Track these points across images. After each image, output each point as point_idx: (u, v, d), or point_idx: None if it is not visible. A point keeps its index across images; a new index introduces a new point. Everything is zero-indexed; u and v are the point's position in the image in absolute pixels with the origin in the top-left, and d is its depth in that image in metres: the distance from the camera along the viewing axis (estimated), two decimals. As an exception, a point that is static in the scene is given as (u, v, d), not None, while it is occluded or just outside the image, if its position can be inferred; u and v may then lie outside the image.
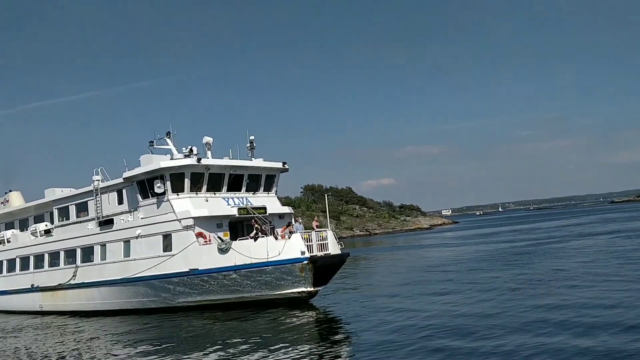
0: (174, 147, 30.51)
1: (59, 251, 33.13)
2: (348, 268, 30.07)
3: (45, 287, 33.29)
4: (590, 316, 17.74)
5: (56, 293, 32.65)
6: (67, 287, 31.80)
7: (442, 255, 51.24)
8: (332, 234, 26.88)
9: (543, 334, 15.83)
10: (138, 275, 27.81)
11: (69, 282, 31.57)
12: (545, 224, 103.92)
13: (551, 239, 59.46)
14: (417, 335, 17.03)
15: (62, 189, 36.21)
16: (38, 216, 37.10)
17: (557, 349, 14.03)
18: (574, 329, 16.16)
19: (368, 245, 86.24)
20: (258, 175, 30.87)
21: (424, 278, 33.03)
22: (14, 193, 42.06)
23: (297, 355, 16.20)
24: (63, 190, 35.92)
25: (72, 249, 32.28)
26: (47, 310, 33.20)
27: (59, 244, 33.27)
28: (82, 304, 31.02)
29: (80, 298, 31.19)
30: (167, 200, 27.61)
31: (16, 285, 35.83)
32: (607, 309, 18.58)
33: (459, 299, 23.67)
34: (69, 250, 32.48)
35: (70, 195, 33.89)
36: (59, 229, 34.49)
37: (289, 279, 24.98)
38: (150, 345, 19.90)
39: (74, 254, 32.13)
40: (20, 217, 38.93)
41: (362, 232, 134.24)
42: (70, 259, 32.42)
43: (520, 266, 35.03)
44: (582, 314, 18.13)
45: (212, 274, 25.77)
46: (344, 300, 26.80)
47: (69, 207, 33.88)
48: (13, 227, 39.28)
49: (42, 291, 33.59)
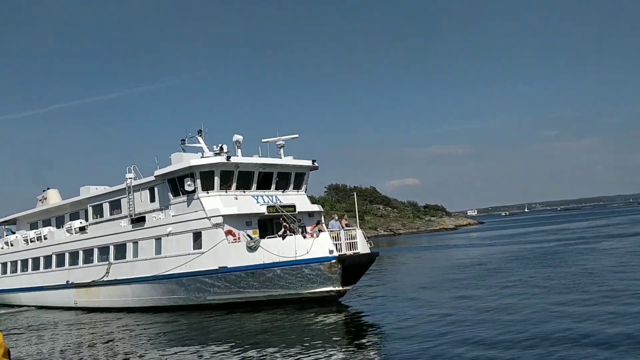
0: (205, 145, 30.73)
1: (93, 248, 33.68)
2: (374, 267, 29.66)
3: (80, 284, 33.89)
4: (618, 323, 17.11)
5: (90, 289, 33.19)
6: (100, 284, 32.30)
7: (468, 255, 50.50)
8: (362, 233, 26.61)
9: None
10: (168, 272, 28.04)
11: (102, 279, 32.05)
12: (573, 224, 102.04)
13: (580, 239, 58.16)
14: (446, 339, 16.59)
15: (97, 187, 36.78)
16: (73, 213, 37.78)
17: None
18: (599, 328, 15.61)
19: (392, 245, 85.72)
20: (287, 173, 30.81)
21: (450, 278, 32.47)
22: (51, 191, 42.88)
23: (323, 355, 16.00)
24: (97, 188, 36.49)
25: (105, 246, 32.78)
26: (81, 307, 33.78)
27: (93, 241, 33.82)
28: (114, 301, 31.45)
29: (113, 295, 31.64)
30: (197, 198, 27.76)
31: (52, 281, 36.57)
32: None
33: (489, 302, 23.10)
34: (103, 247, 32.98)
35: (103, 193, 34.41)
36: (94, 226, 35.06)
37: (317, 277, 24.82)
38: (177, 343, 19.99)
39: (107, 251, 32.62)
40: (57, 215, 39.71)
41: (386, 232, 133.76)
42: (103, 256, 32.92)
43: (549, 267, 34.22)
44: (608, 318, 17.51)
45: (240, 272, 25.80)
46: (371, 299, 26.50)
47: (103, 205, 34.40)
48: (50, 224, 40.08)
49: (77, 287, 34.20)
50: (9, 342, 23.43)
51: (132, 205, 31.23)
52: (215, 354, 17.44)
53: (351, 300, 25.94)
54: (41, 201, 43.02)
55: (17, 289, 40.57)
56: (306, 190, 32.55)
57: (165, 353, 18.44)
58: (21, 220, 44.20)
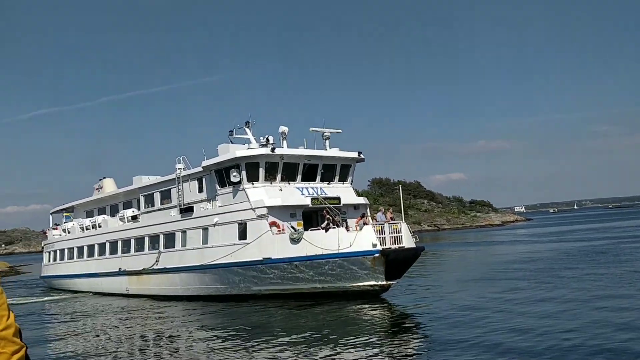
0: (252, 136, 30.93)
1: (144, 237, 34.49)
2: (419, 263, 29.19)
3: (131, 271, 34.79)
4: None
5: (141, 277, 34.03)
6: (150, 272, 33.06)
7: (515, 252, 49.40)
8: (407, 227, 26.20)
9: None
10: (214, 262, 28.41)
11: (152, 267, 32.79)
12: (625, 222, 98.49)
13: (632, 238, 55.89)
14: (490, 338, 16.10)
15: (149, 176, 37.60)
16: (126, 202, 38.79)
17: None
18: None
19: (436, 240, 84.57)
20: (333, 165, 30.66)
21: (496, 276, 31.66)
22: (107, 180, 44.13)
23: (363, 350, 15.86)
24: (150, 178, 37.29)
25: (155, 235, 33.51)
26: (132, 294, 34.69)
27: (144, 229, 34.63)
28: (164, 289, 32.15)
29: (162, 283, 32.34)
30: (242, 189, 27.97)
31: (106, 268, 37.70)
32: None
33: (537, 301, 22.37)
34: (153, 236, 33.73)
35: (155, 183, 35.16)
36: (145, 215, 35.90)
37: (360, 271, 24.61)
38: (218, 331, 20.22)
39: (157, 240, 33.33)
40: (111, 203, 40.88)
41: (430, 227, 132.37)
42: (154, 244, 33.66)
43: (599, 266, 32.99)
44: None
45: (284, 264, 25.87)
46: (415, 295, 26.10)
47: (154, 195, 35.16)
48: (105, 213, 41.31)
49: (129, 275, 35.13)
50: (59, 326, 24.31)
51: (181, 195, 31.76)
52: (255, 344, 17.52)
53: (395, 296, 25.62)
54: (97, 190, 44.36)
55: (73, 275, 42.05)
56: (352, 183, 32.35)
57: (198, 340, 18.71)
58: (78, 208, 45.76)
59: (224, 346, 17.44)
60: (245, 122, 31.59)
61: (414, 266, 27.11)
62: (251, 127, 31.36)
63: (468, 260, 45.86)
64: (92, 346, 19.05)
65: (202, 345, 17.98)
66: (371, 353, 15.28)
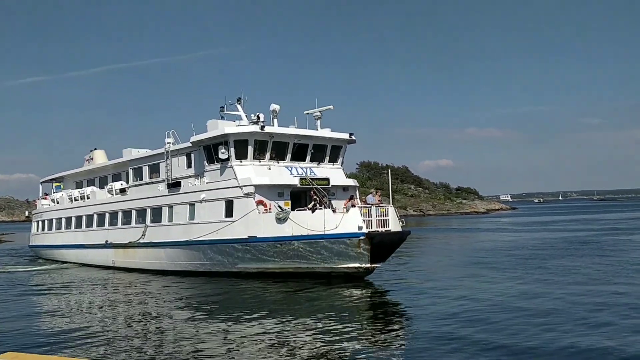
0: (244, 113, 30.63)
1: (131, 210, 34.29)
2: (404, 246, 29.30)
3: (118, 244, 34.65)
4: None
5: (127, 250, 33.90)
6: (136, 246, 32.92)
7: (498, 240, 50.11)
8: (394, 210, 26.09)
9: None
10: (200, 238, 28.28)
11: (139, 241, 32.65)
12: (608, 215, 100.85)
13: (615, 230, 57.32)
14: (472, 326, 16.03)
15: (139, 149, 37.30)
16: (116, 175, 38.52)
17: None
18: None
19: (421, 225, 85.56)
20: (323, 145, 30.42)
21: (475, 262, 32.23)
22: (98, 151, 43.74)
23: (339, 328, 15.91)
24: (140, 151, 36.99)
25: (142, 208, 33.31)
26: (118, 266, 34.60)
27: (132, 203, 34.41)
28: (149, 263, 32.04)
29: (147, 257, 32.22)
30: (230, 167, 27.75)
31: (93, 240, 37.54)
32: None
33: (519, 288, 22.43)
34: (140, 209, 33.53)
35: (144, 157, 34.87)
36: (134, 188, 35.67)
37: (344, 253, 24.52)
38: (198, 307, 20.15)
39: (144, 214, 33.14)
40: (100, 175, 40.60)
41: (416, 212, 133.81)
42: (140, 218, 33.46)
43: (581, 257, 33.43)
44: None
45: (269, 243, 25.76)
46: (399, 279, 26.08)
47: (143, 168, 34.91)
48: (94, 184, 41.03)
49: (115, 248, 34.99)
50: (40, 299, 24.16)
51: (169, 170, 31.50)
52: (232, 320, 17.56)
53: (378, 278, 25.60)
54: (88, 161, 44.02)
55: (61, 245, 41.89)
56: (342, 164, 32.15)
57: (182, 315, 18.66)
58: (68, 178, 45.47)
59: (201, 324, 17.35)
60: (237, 98, 31.24)
61: (401, 250, 27.12)
62: (243, 103, 31.04)
63: (451, 246, 46.48)
64: (67, 321, 18.93)
65: (175, 322, 17.86)
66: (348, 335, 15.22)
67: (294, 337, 15.21)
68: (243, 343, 14.68)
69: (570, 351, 13.00)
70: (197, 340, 15.04)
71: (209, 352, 13.82)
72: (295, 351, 13.70)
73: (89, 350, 14.18)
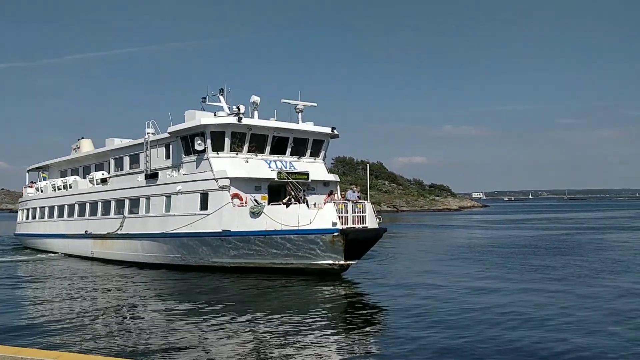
0: (226, 104, 30.07)
1: (110, 200, 33.78)
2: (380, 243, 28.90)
3: (96, 235, 34.16)
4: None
5: (105, 241, 33.42)
6: (114, 237, 32.42)
7: (471, 237, 50.70)
8: (371, 207, 25.53)
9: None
10: (175, 231, 27.75)
11: (116, 232, 32.14)
12: (579, 214, 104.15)
13: (585, 230, 59.15)
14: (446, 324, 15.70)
15: (122, 139, 36.74)
16: (98, 164, 37.97)
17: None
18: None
19: (394, 221, 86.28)
20: (305, 139, 29.80)
21: (451, 259, 32.31)
22: (85, 140, 43.15)
23: (308, 324, 15.64)
24: (122, 140, 36.44)
25: (121, 199, 32.78)
26: (97, 257, 34.12)
27: (111, 193, 33.91)
28: (126, 254, 31.54)
29: (125, 248, 31.72)
30: (206, 159, 27.18)
31: (74, 230, 37.06)
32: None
33: (492, 287, 21.98)
34: (119, 200, 33.01)
35: (125, 147, 34.32)
36: (115, 178, 35.15)
37: (318, 249, 23.97)
38: (168, 300, 19.70)
39: (123, 205, 32.61)
40: (84, 164, 40.07)
41: (389, 208, 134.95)
42: (119, 209, 32.95)
43: (555, 256, 33.41)
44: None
45: (242, 237, 25.21)
46: (373, 276, 25.49)
47: (124, 158, 34.38)
48: (77, 174, 40.50)
49: (94, 238, 34.51)
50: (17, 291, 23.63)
51: (148, 161, 30.96)
52: (197, 315, 17.20)
53: (354, 275, 25.04)
54: (75, 150, 43.45)
55: (44, 235, 41.42)
56: (325, 159, 31.56)
57: (151, 308, 18.29)
58: (53, 167, 44.96)
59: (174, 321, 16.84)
60: (220, 89, 30.70)
61: (376, 246, 26.62)
62: (226, 95, 30.49)
63: (424, 242, 46.54)
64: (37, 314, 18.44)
65: (146, 318, 17.36)
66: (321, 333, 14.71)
67: (259, 334, 14.74)
68: (207, 339, 14.25)
69: (530, 350, 12.52)
70: (163, 335, 14.60)
71: (173, 346, 13.41)
72: (262, 348, 13.29)
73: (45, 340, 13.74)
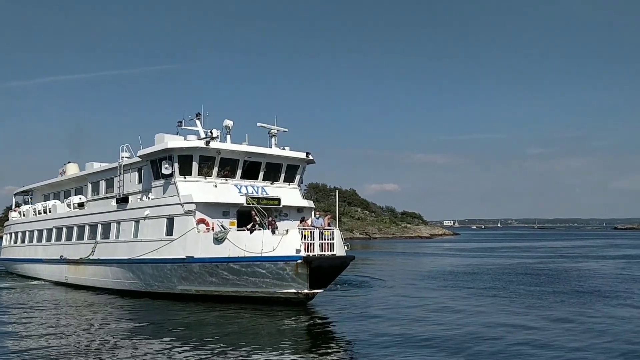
0: (202, 129, 29.61)
1: (85, 225, 33.25)
2: (349, 270, 28.11)
3: (70, 260, 33.56)
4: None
5: (78, 267, 32.79)
6: (86, 262, 31.79)
7: (442, 265, 50.64)
8: (339, 234, 24.76)
9: None
10: (140, 257, 27.08)
11: (88, 257, 31.52)
12: (550, 243, 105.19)
13: (558, 258, 59.63)
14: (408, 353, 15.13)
15: (101, 163, 36.33)
16: (78, 189, 37.53)
17: None
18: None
19: (367, 248, 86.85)
20: (278, 164, 29.20)
21: (423, 287, 31.74)
22: (70, 165, 42.74)
23: (271, 356, 15.10)
24: (101, 164, 36.03)
25: (94, 224, 32.25)
26: (71, 283, 33.48)
27: (85, 218, 33.40)
28: (97, 280, 30.90)
29: (96, 274, 31.09)
30: (173, 183, 26.62)
31: (50, 254, 36.51)
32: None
33: (462, 313, 21.16)
34: (92, 225, 32.47)
35: (101, 171, 33.90)
36: (91, 202, 34.67)
37: (282, 277, 23.17)
38: (128, 332, 18.94)
39: (96, 230, 32.07)
40: (65, 189, 39.69)
41: (362, 235, 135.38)
42: (92, 234, 32.40)
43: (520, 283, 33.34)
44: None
45: (205, 264, 24.47)
46: (342, 305, 24.57)
47: (100, 183, 33.94)
48: (59, 198, 40.10)
49: (68, 264, 33.90)
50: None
51: (121, 185, 30.48)
52: (163, 344, 16.68)
53: (320, 304, 24.14)
54: (61, 174, 43.12)
55: (24, 260, 40.90)
56: (300, 184, 30.91)
57: (99, 338, 17.62)
58: (36, 191, 44.65)
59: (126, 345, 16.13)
60: (197, 113, 30.23)
61: (345, 273, 25.80)
62: (202, 119, 30.04)
63: (397, 270, 45.54)
64: None
65: (93, 346, 16.68)
66: None
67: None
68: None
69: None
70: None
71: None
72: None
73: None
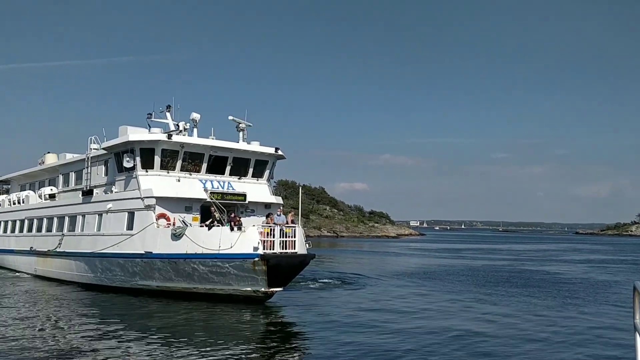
0: (172, 122, 29.11)
1: (53, 217, 32.82)
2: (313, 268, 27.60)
3: (39, 252, 33.16)
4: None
5: (46, 259, 32.41)
6: (53, 254, 31.40)
7: (408, 264, 50.75)
8: (301, 232, 24.26)
9: None
10: (103, 251, 26.64)
11: (55, 250, 31.11)
12: (514, 246, 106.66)
13: (525, 260, 60.36)
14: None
15: (73, 154, 35.83)
16: (51, 180, 37.09)
17: None
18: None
19: (334, 246, 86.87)
20: (246, 159, 28.63)
21: (388, 286, 31.73)
22: (49, 155, 42.06)
23: (224, 353, 14.79)
24: (74, 156, 35.53)
25: (62, 216, 31.82)
26: (40, 275, 33.12)
27: (54, 210, 32.98)
28: (62, 273, 30.54)
29: (61, 267, 30.72)
30: (135, 177, 26.12)
31: (21, 246, 36.12)
32: None
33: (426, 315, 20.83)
34: (60, 217, 32.05)
35: (71, 162, 33.43)
36: (62, 194, 34.24)
37: (239, 275, 22.72)
38: (90, 323, 18.56)
39: (63, 222, 31.63)
40: (39, 179, 39.25)
41: (329, 233, 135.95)
42: (60, 226, 31.97)
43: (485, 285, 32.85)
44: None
45: (162, 260, 24.02)
46: (302, 304, 24.11)
47: (70, 174, 33.48)
48: (34, 188, 39.65)
49: (37, 255, 33.51)
50: None
51: (88, 177, 30.00)
52: (118, 339, 16.47)
53: (279, 303, 23.70)
54: (40, 164, 42.64)
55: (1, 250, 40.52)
56: (270, 180, 30.36)
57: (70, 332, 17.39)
58: (13, 181, 44.21)
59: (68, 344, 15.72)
60: (167, 105, 29.72)
61: (307, 271, 25.35)
62: (173, 112, 29.54)
63: (363, 268, 44.91)
64: None
65: (50, 339, 16.28)
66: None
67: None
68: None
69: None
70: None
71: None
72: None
73: None
